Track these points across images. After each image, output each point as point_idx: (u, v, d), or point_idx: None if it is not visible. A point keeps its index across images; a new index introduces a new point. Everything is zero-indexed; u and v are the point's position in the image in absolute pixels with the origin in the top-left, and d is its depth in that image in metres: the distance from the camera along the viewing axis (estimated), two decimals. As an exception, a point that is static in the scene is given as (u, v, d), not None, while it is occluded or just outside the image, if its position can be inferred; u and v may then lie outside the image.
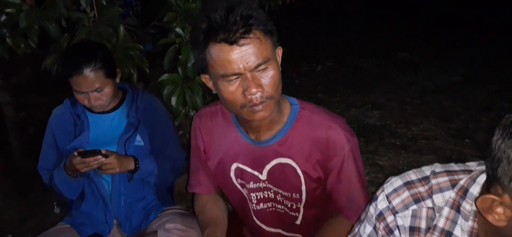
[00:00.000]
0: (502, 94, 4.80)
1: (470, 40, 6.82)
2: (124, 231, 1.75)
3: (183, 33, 2.19)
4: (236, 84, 1.10)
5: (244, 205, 1.42)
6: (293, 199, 1.32)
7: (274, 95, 1.13)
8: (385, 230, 0.97)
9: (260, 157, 1.29)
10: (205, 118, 1.39)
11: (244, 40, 1.05)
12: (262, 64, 1.09)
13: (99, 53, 1.61)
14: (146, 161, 1.71)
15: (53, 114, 1.79)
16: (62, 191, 1.73)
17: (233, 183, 1.38)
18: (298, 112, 1.27)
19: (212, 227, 1.34)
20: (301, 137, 1.25)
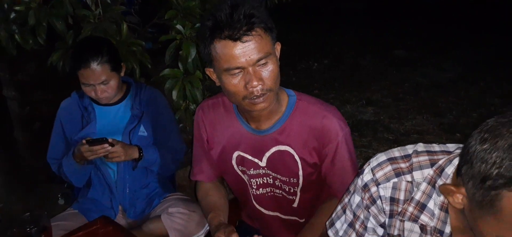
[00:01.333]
0: (494, 91, 4.91)
1: (466, 39, 6.93)
2: (129, 216, 1.85)
3: (183, 30, 2.28)
4: (238, 77, 1.19)
5: (244, 191, 1.51)
6: (291, 183, 1.42)
7: (273, 88, 1.24)
8: (369, 199, 1.07)
9: (260, 145, 1.39)
10: (208, 110, 1.48)
11: (246, 37, 1.15)
12: (263, 59, 1.18)
13: (105, 48, 1.70)
14: (149, 151, 1.81)
15: (61, 107, 1.88)
16: (70, 179, 1.83)
17: (234, 170, 1.48)
18: (295, 103, 1.37)
19: (215, 212, 1.43)
20: (298, 125, 1.35)
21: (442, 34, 7.23)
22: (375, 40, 7.03)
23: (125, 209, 1.85)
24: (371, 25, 7.92)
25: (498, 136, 0.78)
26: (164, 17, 2.43)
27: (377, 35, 7.27)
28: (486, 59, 5.97)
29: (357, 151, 3.47)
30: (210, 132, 1.47)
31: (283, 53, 1.46)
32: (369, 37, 7.21)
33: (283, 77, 1.46)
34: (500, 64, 5.67)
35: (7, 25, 2.06)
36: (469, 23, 7.49)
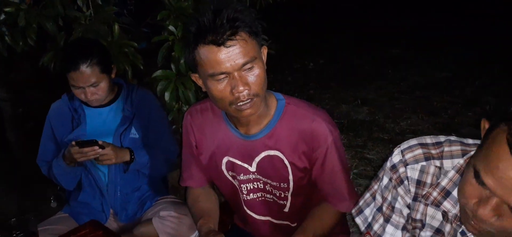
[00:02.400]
0: (488, 89, 4.91)
1: (461, 38, 6.94)
2: (120, 220, 1.84)
3: (175, 31, 2.27)
4: (224, 83, 1.18)
5: (235, 196, 1.50)
6: (281, 188, 1.41)
7: (260, 93, 1.22)
8: (397, 180, 1.08)
9: (250, 150, 1.37)
10: (196, 115, 1.46)
11: (230, 42, 1.13)
12: (248, 63, 1.16)
13: (95, 50, 1.69)
14: (141, 153, 1.80)
15: (51, 108, 1.87)
16: (60, 181, 1.82)
17: (224, 175, 1.46)
18: (284, 107, 1.35)
19: (205, 218, 1.42)
20: (288, 130, 1.34)
21: (437, 33, 7.23)
22: (370, 39, 7.03)
23: (117, 212, 1.84)
24: (367, 25, 7.92)
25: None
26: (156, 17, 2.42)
27: (373, 35, 7.27)
28: (481, 58, 5.97)
29: (352, 151, 3.47)
30: (199, 137, 1.46)
31: (279, 52, 1.45)
32: (365, 37, 7.20)
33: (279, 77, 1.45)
34: (495, 63, 5.68)
35: (-3, 27, 2.05)
36: (464, 23, 7.50)
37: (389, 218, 1.12)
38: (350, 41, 7.13)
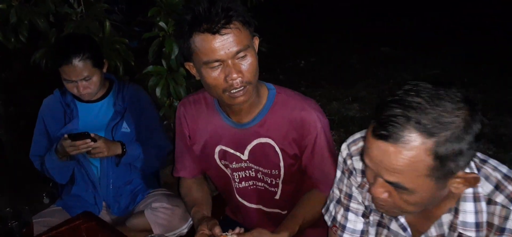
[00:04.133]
0: (476, 86, 5.00)
1: (449, 37, 7.03)
2: (113, 212, 1.86)
3: (166, 27, 2.30)
4: (218, 70, 1.22)
5: (227, 185, 1.53)
6: (273, 175, 1.45)
7: (252, 81, 1.26)
8: (347, 172, 1.17)
9: (242, 138, 1.41)
10: (189, 105, 1.50)
11: (225, 30, 1.17)
12: (242, 51, 1.21)
13: (87, 44, 1.72)
14: (132, 146, 1.82)
15: (43, 104, 1.89)
16: (53, 175, 1.84)
17: (217, 164, 1.50)
18: (275, 97, 1.40)
19: (198, 206, 1.45)
20: (278, 118, 1.38)
21: (426, 32, 7.32)
22: (361, 39, 7.09)
23: (109, 205, 1.86)
24: (357, 24, 7.99)
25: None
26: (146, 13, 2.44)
27: (364, 34, 7.33)
28: (469, 56, 6.06)
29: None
30: (192, 127, 1.49)
31: (271, 51, 1.48)
32: (356, 36, 7.27)
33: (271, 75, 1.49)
34: (482, 61, 5.77)
35: (-11, 24, 2.06)
36: (452, 22, 7.61)
37: (348, 207, 1.19)
38: (341, 40, 7.19)
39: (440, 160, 0.84)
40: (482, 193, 0.96)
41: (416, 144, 0.84)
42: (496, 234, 0.95)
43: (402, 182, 0.89)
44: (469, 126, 0.85)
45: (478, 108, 0.88)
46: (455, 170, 0.87)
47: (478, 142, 0.87)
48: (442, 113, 0.83)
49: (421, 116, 0.83)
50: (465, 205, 0.97)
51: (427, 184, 0.88)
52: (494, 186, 0.96)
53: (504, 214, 0.94)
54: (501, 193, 0.95)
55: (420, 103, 0.84)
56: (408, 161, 0.85)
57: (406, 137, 0.84)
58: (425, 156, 0.84)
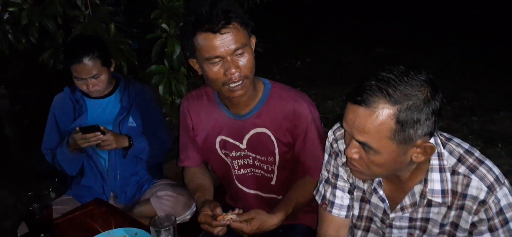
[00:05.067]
0: (468, 85, 5.14)
1: (443, 38, 7.19)
2: (120, 201, 1.98)
3: (168, 28, 2.42)
4: (218, 66, 1.36)
5: (227, 172, 1.67)
6: (269, 162, 1.58)
7: (249, 75, 1.40)
8: (333, 154, 1.33)
9: (240, 128, 1.55)
10: (192, 100, 1.64)
11: (225, 30, 1.31)
12: (240, 49, 1.35)
13: (96, 45, 1.84)
14: (138, 139, 1.94)
15: (54, 100, 2.01)
16: (64, 167, 1.95)
17: (218, 153, 1.63)
18: (270, 91, 1.54)
19: (201, 191, 1.59)
20: (273, 109, 1.52)
21: (421, 33, 7.47)
22: (356, 39, 7.23)
23: (116, 194, 1.98)
24: (353, 25, 8.13)
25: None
26: (149, 16, 2.56)
27: (359, 35, 7.48)
28: (462, 56, 6.21)
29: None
30: (195, 119, 1.63)
31: (268, 52, 1.61)
32: (351, 36, 7.41)
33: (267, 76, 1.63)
34: (474, 61, 5.92)
35: (1, 26, 2.17)
36: (446, 24, 7.77)
37: (336, 185, 1.34)
38: (336, 41, 7.33)
39: (401, 125, 1.00)
40: (447, 165, 1.11)
41: (383, 109, 1.00)
42: (460, 199, 1.10)
43: (369, 142, 1.04)
44: (428, 101, 1.00)
45: (439, 90, 1.03)
46: (414, 137, 1.02)
47: (437, 117, 1.02)
48: (407, 88, 0.99)
49: (390, 88, 0.99)
50: (432, 175, 1.12)
51: (390, 146, 1.03)
52: (457, 159, 1.11)
53: (465, 182, 1.09)
54: (463, 165, 1.10)
55: (391, 78, 1.00)
56: (374, 123, 1.01)
57: (375, 102, 1.00)
58: (389, 119, 1.00)
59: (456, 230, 1.14)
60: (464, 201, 1.10)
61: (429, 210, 1.16)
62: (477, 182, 1.08)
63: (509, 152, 3.65)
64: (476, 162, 1.10)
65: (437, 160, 1.11)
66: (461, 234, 1.14)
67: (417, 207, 1.17)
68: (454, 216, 1.13)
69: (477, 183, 1.08)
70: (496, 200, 1.07)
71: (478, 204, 1.08)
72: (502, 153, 3.66)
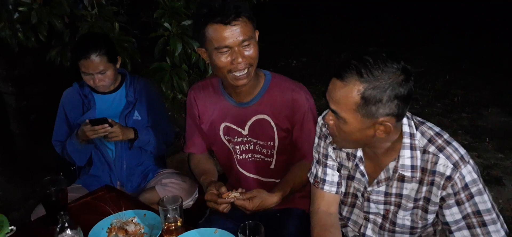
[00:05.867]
0: (457, 83, 5.31)
1: (433, 37, 7.36)
2: (127, 190, 2.10)
3: (170, 27, 2.55)
4: (226, 55, 1.50)
5: (230, 158, 1.80)
6: (268, 146, 1.72)
7: (253, 64, 1.56)
8: (322, 137, 1.48)
9: (243, 115, 1.69)
10: (198, 90, 1.78)
11: (234, 22, 1.46)
12: (246, 41, 1.50)
13: (103, 42, 1.95)
14: (143, 132, 2.07)
15: (64, 95, 2.12)
16: (74, 158, 2.07)
17: (221, 140, 1.77)
18: (270, 81, 1.70)
19: (207, 175, 1.74)
20: (274, 98, 1.67)
21: (411, 32, 7.64)
22: (349, 38, 7.39)
23: (123, 183, 2.10)
24: (346, 25, 8.29)
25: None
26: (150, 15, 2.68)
27: (352, 34, 7.64)
28: (451, 54, 6.38)
29: (331, 138, 3.78)
30: (201, 108, 1.78)
31: (264, 52, 1.75)
32: (344, 36, 7.57)
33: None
34: (463, 59, 6.09)
35: (11, 24, 2.29)
36: (435, 23, 7.94)
37: (326, 164, 1.49)
38: (330, 40, 7.48)
39: (365, 100, 1.15)
40: (418, 145, 1.25)
41: (353, 85, 1.15)
42: (430, 176, 1.24)
43: (338, 111, 1.20)
44: (394, 85, 1.14)
45: (410, 79, 1.17)
46: (375, 114, 1.17)
47: (401, 102, 1.16)
48: (378, 71, 1.14)
49: (363, 68, 1.14)
50: (404, 152, 1.27)
51: (355, 117, 1.19)
52: (427, 139, 1.25)
53: (434, 160, 1.23)
54: (433, 145, 1.24)
55: (368, 61, 1.15)
56: (344, 95, 1.17)
57: (349, 78, 1.16)
58: (356, 94, 1.15)
59: (428, 204, 1.29)
60: (434, 177, 1.24)
61: (402, 186, 1.31)
62: (444, 160, 1.22)
63: (496, 146, 3.81)
64: (444, 143, 1.25)
65: (408, 139, 1.26)
66: (432, 208, 1.29)
67: (391, 181, 1.32)
68: (426, 191, 1.27)
69: (444, 161, 1.22)
70: (461, 176, 1.21)
71: (445, 180, 1.22)
72: (489, 147, 3.81)
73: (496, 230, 1.23)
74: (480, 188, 1.22)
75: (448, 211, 1.25)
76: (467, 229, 1.25)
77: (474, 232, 1.24)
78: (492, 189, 3.16)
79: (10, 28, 2.30)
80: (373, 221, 1.43)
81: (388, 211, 1.38)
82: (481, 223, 1.23)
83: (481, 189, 1.22)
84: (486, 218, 1.22)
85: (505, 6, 7.50)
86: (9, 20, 2.28)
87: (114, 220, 1.51)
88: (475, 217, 1.23)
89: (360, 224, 1.47)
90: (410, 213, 1.34)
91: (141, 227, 1.49)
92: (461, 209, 1.24)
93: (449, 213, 1.25)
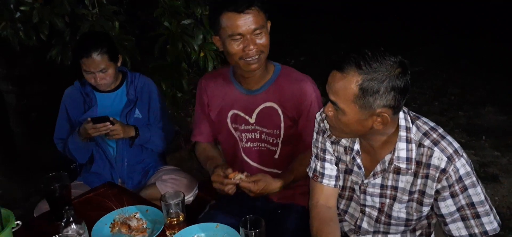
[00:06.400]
0: (454, 82, 5.34)
1: (431, 37, 7.40)
2: (128, 187, 2.12)
3: (170, 26, 2.58)
4: (239, 42, 1.57)
5: (235, 146, 1.84)
6: (274, 135, 1.76)
7: (264, 51, 1.61)
8: (320, 132, 1.52)
9: (251, 103, 1.75)
10: (209, 79, 1.85)
11: (247, 10, 1.53)
12: (258, 29, 1.56)
13: (104, 41, 1.98)
14: (144, 130, 2.09)
15: (65, 93, 2.14)
16: (75, 155, 2.09)
17: (228, 127, 1.81)
18: (280, 71, 1.75)
19: (212, 160, 1.79)
20: (282, 87, 1.72)
21: (409, 32, 7.68)
22: (348, 38, 7.43)
23: (124, 180, 2.13)
24: (344, 25, 8.33)
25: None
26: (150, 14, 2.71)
27: (350, 34, 7.67)
28: (448, 54, 6.42)
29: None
30: (211, 96, 1.83)
31: None
32: (343, 36, 7.60)
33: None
34: (460, 59, 6.13)
35: (13, 23, 2.32)
36: (434, 24, 7.99)
37: (325, 158, 1.52)
38: (328, 40, 7.52)
39: (363, 92, 1.18)
40: (414, 138, 1.29)
41: (352, 77, 1.19)
42: (425, 169, 1.27)
43: (337, 102, 1.23)
44: (391, 78, 1.17)
45: (406, 73, 1.21)
46: (373, 105, 1.20)
47: (398, 94, 1.20)
48: (376, 64, 1.17)
49: (362, 61, 1.18)
50: (400, 145, 1.30)
51: (353, 108, 1.22)
52: (423, 133, 1.29)
53: (429, 153, 1.27)
54: (428, 139, 1.28)
55: (367, 54, 1.19)
56: (343, 86, 1.20)
57: (348, 70, 1.20)
58: (354, 86, 1.19)
59: (423, 197, 1.32)
60: (429, 170, 1.28)
61: (398, 178, 1.35)
62: (439, 153, 1.25)
63: (493, 144, 3.85)
64: (438, 137, 1.28)
65: (404, 132, 1.30)
66: (427, 200, 1.32)
67: (386, 173, 1.36)
68: (421, 184, 1.31)
69: (438, 154, 1.26)
70: (455, 169, 1.24)
71: (439, 172, 1.25)
72: (486, 145, 3.85)
73: (489, 222, 1.27)
74: (473, 180, 1.25)
75: (443, 203, 1.29)
76: (461, 221, 1.28)
77: (468, 224, 1.28)
78: (488, 186, 3.20)
79: (12, 27, 2.33)
80: (369, 214, 1.46)
81: (384, 204, 1.41)
82: (474, 215, 1.26)
83: (474, 182, 1.26)
84: (480, 210, 1.26)
85: (503, 7, 7.55)
86: (10, 19, 2.31)
87: (117, 215, 1.54)
88: (469, 209, 1.26)
89: (357, 217, 1.51)
90: (405, 206, 1.37)
91: (143, 222, 1.52)
92: (456, 201, 1.27)
93: (443, 205, 1.29)
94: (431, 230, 1.49)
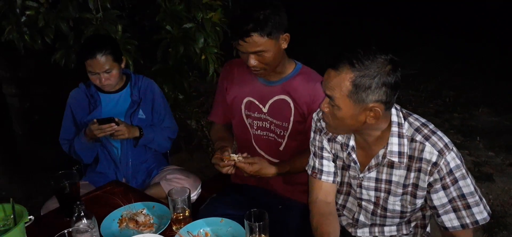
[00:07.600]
0: (449, 84, 5.44)
1: (426, 39, 7.50)
2: (132, 186, 2.18)
3: (171, 30, 2.64)
4: (245, 56, 1.71)
5: (246, 132, 1.95)
6: (282, 127, 1.85)
7: (267, 68, 1.72)
8: (318, 131, 1.59)
9: (267, 93, 1.85)
10: (233, 66, 1.97)
11: (246, 38, 1.63)
12: (257, 52, 1.66)
13: (108, 42, 2.04)
14: (148, 130, 2.15)
15: (70, 95, 2.19)
16: (81, 155, 2.15)
17: (241, 114, 1.93)
18: (299, 70, 1.85)
19: (221, 141, 1.90)
20: (298, 84, 1.81)
21: (405, 34, 7.78)
22: (344, 40, 7.51)
23: (128, 180, 2.18)
24: (341, 28, 8.42)
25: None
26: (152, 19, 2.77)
27: (346, 36, 7.76)
28: (443, 56, 6.53)
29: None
30: (230, 81, 1.95)
31: None
32: (339, 39, 7.68)
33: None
34: (454, 61, 6.23)
35: (19, 27, 2.37)
36: (429, 26, 8.09)
37: (322, 156, 1.60)
38: (325, 43, 7.59)
39: (356, 87, 1.26)
40: (406, 134, 1.37)
41: (346, 74, 1.27)
42: (417, 163, 1.35)
43: (333, 96, 1.30)
44: (382, 74, 1.25)
45: (397, 70, 1.28)
46: (365, 100, 1.27)
47: (389, 89, 1.27)
48: (368, 61, 1.25)
49: (355, 59, 1.26)
50: (392, 139, 1.38)
51: (347, 103, 1.30)
52: (415, 129, 1.37)
53: (421, 148, 1.35)
54: (419, 134, 1.35)
55: (359, 53, 1.27)
56: (338, 82, 1.28)
57: (342, 68, 1.28)
58: (348, 81, 1.27)
59: (416, 189, 1.40)
60: (421, 164, 1.35)
61: (392, 172, 1.42)
62: (430, 147, 1.33)
63: (487, 144, 3.94)
64: (429, 132, 1.36)
65: (396, 128, 1.37)
66: (421, 193, 1.40)
67: (381, 167, 1.43)
68: (414, 178, 1.39)
69: (430, 148, 1.33)
70: (446, 162, 1.31)
71: (431, 166, 1.33)
72: (480, 145, 3.94)
73: (480, 212, 1.34)
74: (463, 172, 1.33)
75: (435, 195, 1.36)
76: (453, 212, 1.36)
77: (459, 214, 1.35)
78: (482, 185, 3.27)
79: (17, 31, 2.38)
80: (365, 207, 1.54)
81: (379, 198, 1.48)
82: (465, 206, 1.34)
83: (464, 174, 1.33)
84: (470, 201, 1.33)
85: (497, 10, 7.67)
86: (16, 23, 2.37)
87: (124, 211, 1.60)
88: (460, 200, 1.34)
89: (354, 211, 1.58)
90: (400, 199, 1.44)
91: (150, 218, 1.58)
92: (447, 193, 1.34)
93: (436, 197, 1.36)
94: (426, 222, 1.56)
